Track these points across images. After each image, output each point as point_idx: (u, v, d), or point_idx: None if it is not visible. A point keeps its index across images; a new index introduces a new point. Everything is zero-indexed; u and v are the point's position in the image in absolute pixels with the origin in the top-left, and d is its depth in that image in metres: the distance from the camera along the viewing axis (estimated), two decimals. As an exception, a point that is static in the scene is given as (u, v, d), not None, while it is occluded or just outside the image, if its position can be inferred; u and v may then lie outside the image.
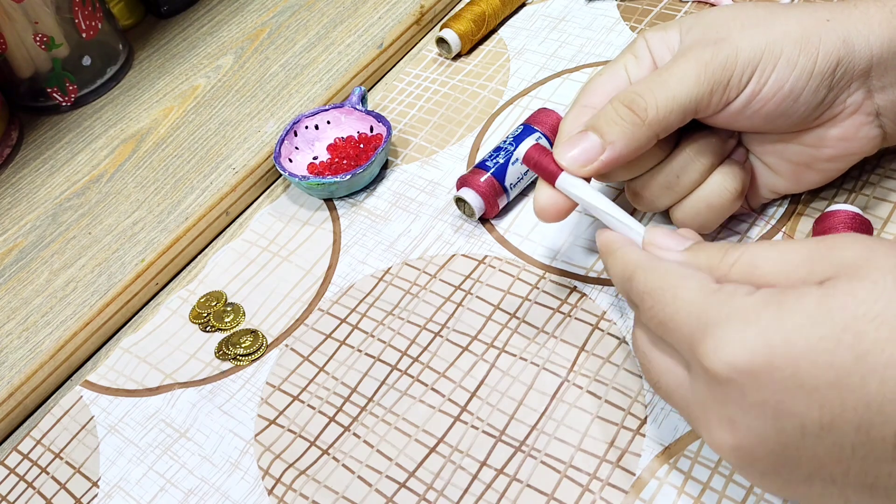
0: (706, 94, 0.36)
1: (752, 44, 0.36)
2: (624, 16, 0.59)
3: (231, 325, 0.47)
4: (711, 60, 0.36)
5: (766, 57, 0.36)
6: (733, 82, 0.37)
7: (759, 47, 0.36)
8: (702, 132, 0.40)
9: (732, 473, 0.36)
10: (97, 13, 0.61)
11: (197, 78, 0.62)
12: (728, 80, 0.36)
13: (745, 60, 0.36)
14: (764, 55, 0.36)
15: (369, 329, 0.45)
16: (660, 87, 0.37)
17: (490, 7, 0.59)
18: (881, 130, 0.39)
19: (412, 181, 0.52)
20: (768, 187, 0.43)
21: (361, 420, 0.41)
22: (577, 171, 0.37)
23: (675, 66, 0.37)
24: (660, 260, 0.33)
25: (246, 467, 0.41)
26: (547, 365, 0.41)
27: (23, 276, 0.51)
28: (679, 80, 0.36)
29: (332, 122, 0.55)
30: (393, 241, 0.49)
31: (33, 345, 0.47)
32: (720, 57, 0.36)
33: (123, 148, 0.58)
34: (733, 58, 0.36)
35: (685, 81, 0.36)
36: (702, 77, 0.36)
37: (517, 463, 0.38)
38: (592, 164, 0.37)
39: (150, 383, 0.45)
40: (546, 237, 0.47)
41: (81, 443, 0.44)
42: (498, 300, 0.44)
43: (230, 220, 0.54)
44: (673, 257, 0.33)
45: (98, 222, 0.53)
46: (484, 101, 0.56)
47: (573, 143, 0.37)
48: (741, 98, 0.37)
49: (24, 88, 0.61)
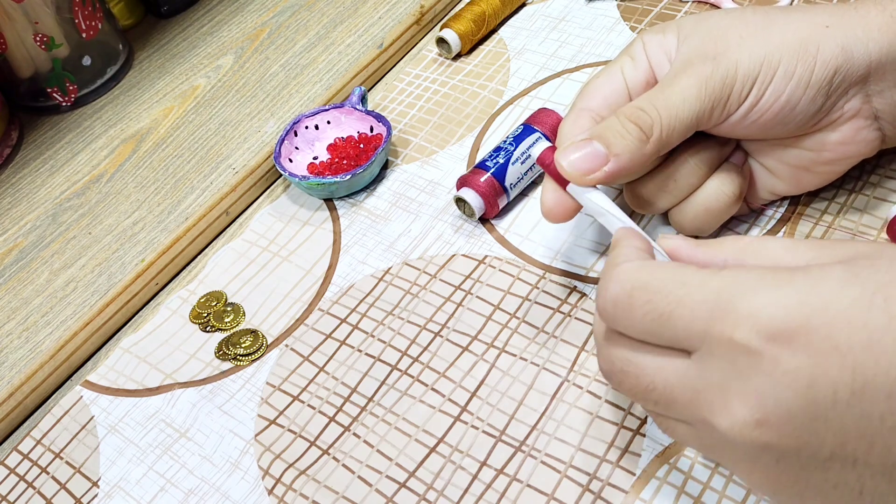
0: (707, 110, 0.37)
1: (750, 56, 0.37)
2: (624, 16, 0.59)
3: (231, 325, 0.47)
4: (711, 77, 0.37)
5: (764, 69, 0.36)
6: (733, 97, 0.37)
7: (757, 59, 0.36)
8: (701, 135, 0.40)
9: (732, 473, 0.36)
10: (97, 13, 0.61)
11: (197, 78, 0.62)
12: (728, 95, 0.37)
13: (745, 74, 0.36)
14: (762, 67, 0.36)
15: (369, 329, 0.45)
16: (664, 106, 0.37)
17: (490, 7, 0.59)
18: (880, 133, 0.39)
19: (412, 181, 0.52)
20: (767, 189, 0.43)
21: (361, 420, 0.41)
22: (579, 179, 0.37)
23: (676, 84, 0.37)
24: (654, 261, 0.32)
25: (246, 467, 0.41)
26: (547, 365, 0.41)
27: (23, 276, 0.51)
28: (682, 99, 0.37)
29: (333, 122, 0.55)
30: (393, 241, 0.49)
31: (33, 345, 0.47)
32: (720, 73, 0.37)
33: (123, 148, 0.58)
34: (732, 73, 0.36)
35: (687, 99, 0.37)
36: (703, 94, 0.37)
37: (517, 463, 0.38)
38: (595, 174, 0.37)
39: (151, 383, 0.45)
40: (546, 237, 0.47)
41: (81, 443, 0.44)
42: (498, 300, 0.44)
43: (230, 220, 0.54)
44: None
45: (98, 222, 0.53)
46: (484, 101, 0.56)
47: (578, 150, 0.37)
48: (741, 110, 0.37)
49: (24, 88, 0.61)
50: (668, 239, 0.33)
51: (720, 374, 0.28)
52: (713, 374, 0.28)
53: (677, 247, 0.33)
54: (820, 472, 0.28)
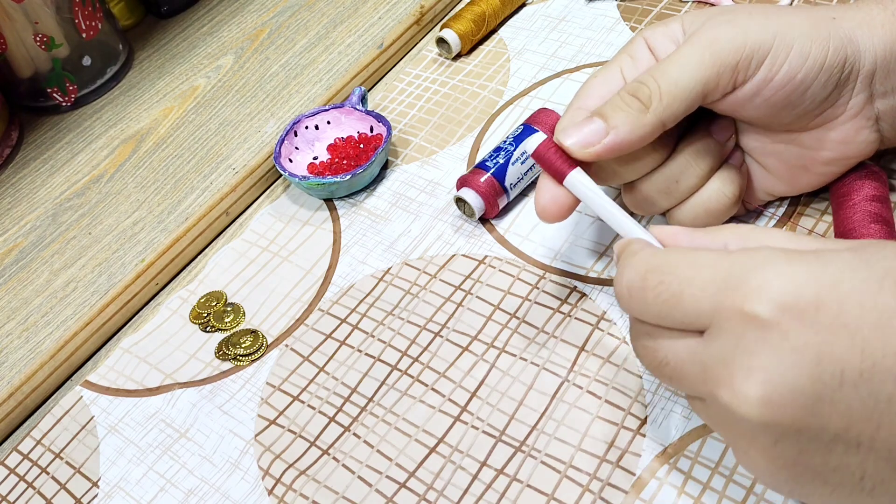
0: (713, 76, 0.36)
1: (761, 28, 0.36)
2: (624, 16, 0.59)
3: (231, 325, 0.47)
4: (715, 41, 0.36)
5: (778, 43, 0.36)
6: (742, 64, 0.36)
7: (770, 32, 0.36)
8: (701, 135, 0.40)
9: (732, 473, 0.36)
10: (97, 13, 0.61)
11: (197, 78, 0.62)
12: (736, 62, 0.36)
13: (755, 43, 0.36)
14: (776, 41, 0.36)
15: (369, 329, 0.45)
16: (662, 76, 0.36)
17: (490, 7, 0.59)
18: (879, 135, 0.39)
19: (412, 181, 0.52)
20: (765, 189, 0.43)
21: (361, 420, 0.41)
22: (579, 152, 0.36)
23: (677, 53, 0.36)
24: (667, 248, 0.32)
25: (246, 467, 0.41)
26: (547, 365, 0.41)
27: (23, 276, 0.51)
28: (682, 66, 0.36)
29: (333, 123, 0.55)
30: (393, 241, 0.49)
31: (33, 345, 0.47)
32: (726, 38, 0.36)
33: (123, 148, 0.58)
34: (741, 39, 0.36)
35: (688, 66, 0.36)
36: (706, 59, 0.36)
37: (517, 463, 0.38)
38: (594, 146, 0.36)
39: (151, 383, 0.45)
40: (546, 237, 0.47)
41: (81, 443, 0.44)
42: (498, 300, 0.44)
43: (230, 220, 0.54)
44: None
45: (98, 222, 0.53)
46: (484, 101, 0.56)
47: (577, 126, 0.37)
48: (752, 84, 0.36)
49: (24, 88, 0.61)
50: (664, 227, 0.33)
51: (727, 348, 0.28)
52: (721, 348, 0.28)
53: (675, 233, 0.33)
54: (820, 455, 0.27)
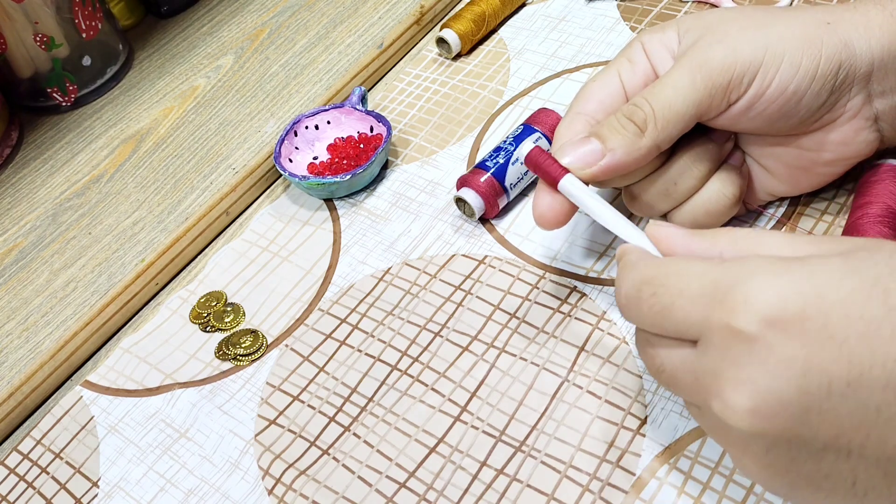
0: (705, 98, 0.36)
1: (751, 44, 0.36)
2: (624, 16, 0.59)
3: (231, 325, 0.47)
4: (705, 64, 0.36)
5: (768, 58, 0.36)
6: (734, 83, 0.36)
7: (760, 48, 0.36)
8: (699, 138, 0.40)
9: (732, 473, 0.36)
10: (97, 13, 0.61)
11: (197, 78, 0.62)
12: (727, 82, 0.36)
13: (746, 61, 0.36)
14: (766, 56, 0.36)
15: (369, 329, 0.45)
16: (656, 99, 0.37)
17: (490, 7, 0.59)
18: (879, 135, 0.39)
19: (412, 181, 0.52)
20: (765, 190, 0.43)
21: (361, 420, 0.41)
22: (576, 172, 0.37)
23: (669, 76, 0.37)
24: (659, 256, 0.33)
25: (246, 467, 0.41)
26: (547, 365, 0.41)
27: (23, 276, 0.51)
28: (675, 89, 0.37)
29: (332, 122, 0.55)
30: (393, 241, 0.49)
31: (33, 345, 0.47)
32: (716, 59, 0.36)
33: (123, 148, 0.58)
34: (731, 59, 0.36)
35: (681, 90, 0.36)
36: (697, 82, 0.36)
37: (517, 463, 0.38)
38: (591, 168, 0.37)
39: (150, 383, 0.45)
40: (546, 237, 0.47)
41: (81, 443, 0.44)
42: (498, 300, 0.44)
43: (230, 220, 0.54)
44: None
45: (98, 222, 0.53)
46: (484, 101, 0.56)
47: (574, 146, 0.38)
48: (744, 100, 0.37)
49: (24, 88, 0.61)
50: (660, 226, 0.33)
51: (716, 360, 0.28)
52: (711, 360, 0.29)
53: (671, 235, 0.33)
54: (812, 463, 0.28)
